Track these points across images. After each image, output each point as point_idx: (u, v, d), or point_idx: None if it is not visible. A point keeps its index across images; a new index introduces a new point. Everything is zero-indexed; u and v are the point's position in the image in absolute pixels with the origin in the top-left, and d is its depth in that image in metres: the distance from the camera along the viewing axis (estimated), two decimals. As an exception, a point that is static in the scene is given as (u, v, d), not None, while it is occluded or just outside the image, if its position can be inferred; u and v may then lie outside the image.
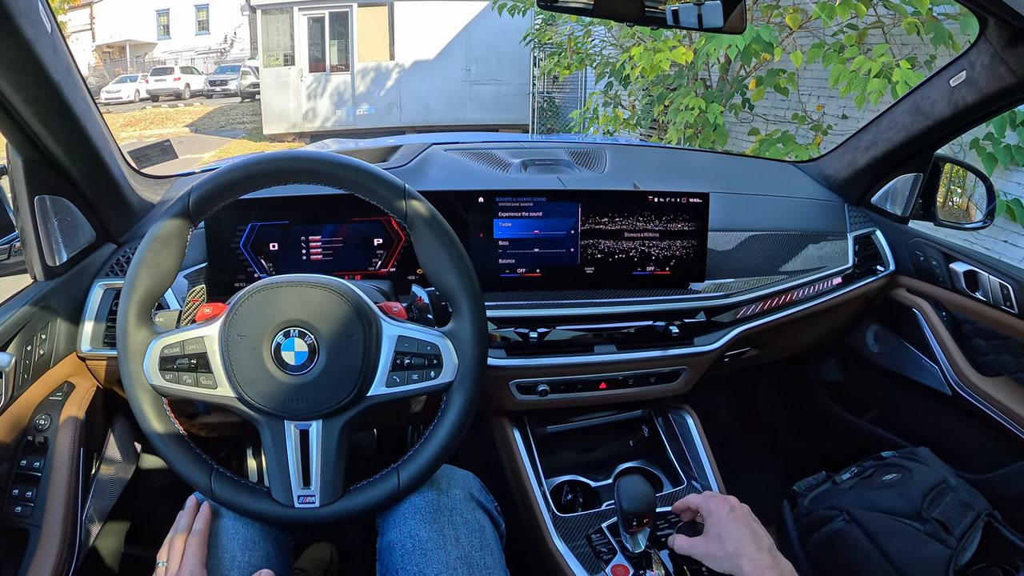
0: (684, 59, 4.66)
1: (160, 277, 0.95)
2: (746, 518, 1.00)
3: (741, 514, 1.00)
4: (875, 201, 1.69)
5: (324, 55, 15.07)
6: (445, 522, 1.01)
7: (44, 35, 0.93)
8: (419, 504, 1.03)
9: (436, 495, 1.04)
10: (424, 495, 1.04)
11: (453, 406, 0.98)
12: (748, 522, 0.99)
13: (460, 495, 1.06)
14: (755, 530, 0.97)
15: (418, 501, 1.03)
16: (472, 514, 1.04)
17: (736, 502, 1.03)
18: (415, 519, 1.01)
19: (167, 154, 1.94)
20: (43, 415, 1.15)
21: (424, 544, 0.98)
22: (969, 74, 1.27)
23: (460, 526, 1.01)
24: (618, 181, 1.63)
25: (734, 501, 1.03)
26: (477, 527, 1.03)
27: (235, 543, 0.98)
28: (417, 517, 1.01)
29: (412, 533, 1.00)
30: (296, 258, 1.32)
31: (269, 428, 0.95)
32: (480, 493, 1.11)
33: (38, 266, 1.16)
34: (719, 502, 1.03)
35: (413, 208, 0.96)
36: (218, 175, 0.94)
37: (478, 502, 1.08)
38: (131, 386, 0.94)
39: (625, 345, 1.37)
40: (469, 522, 1.03)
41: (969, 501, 1.30)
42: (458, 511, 1.03)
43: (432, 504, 1.03)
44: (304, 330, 0.93)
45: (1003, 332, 1.45)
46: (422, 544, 0.98)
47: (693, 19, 1.10)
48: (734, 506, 1.02)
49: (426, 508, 1.02)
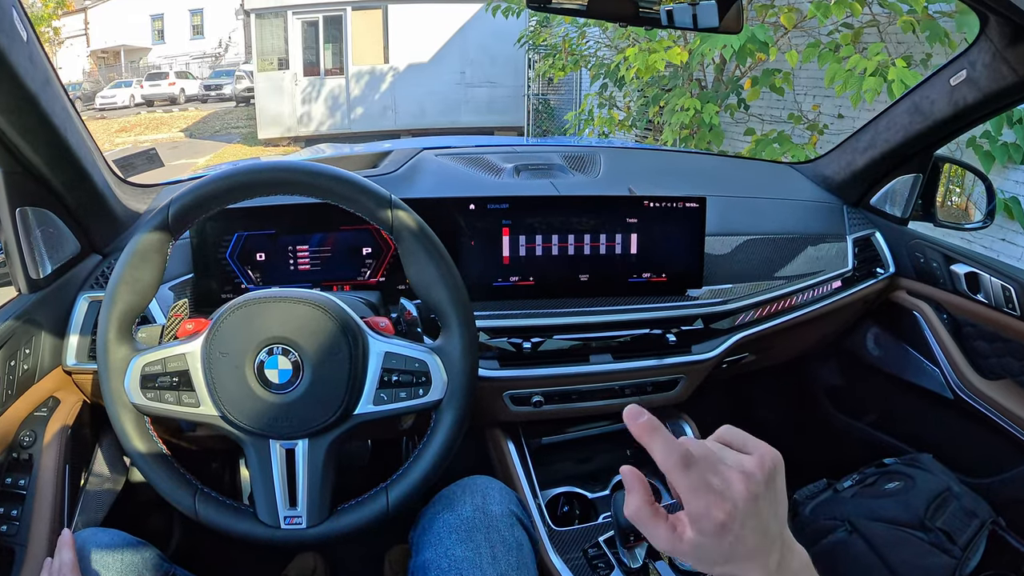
0: (679, 59, 4.66)
1: (140, 292, 0.93)
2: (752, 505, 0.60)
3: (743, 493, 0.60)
4: (874, 202, 1.67)
5: (319, 59, 15.08)
6: (482, 540, 0.99)
7: (19, 44, 0.90)
8: (454, 522, 1.01)
9: (473, 512, 1.02)
10: (459, 512, 1.02)
11: (442, 424, 0.95)
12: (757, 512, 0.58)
13: (498, 511, 1.04)
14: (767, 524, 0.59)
15: (453, 519, 1.01)
16: (510, 531, 1.02)
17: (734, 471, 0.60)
18: (451, 538, 0.99)
19: (153, 162, 1.91)
20: (28, 431, 1.13)
21: (460, 564, 0.96)
22: (969, 73, 1.25)
23: (497, 544, 0.99)
24: (613, 185, 1.60)
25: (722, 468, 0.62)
26: (515, 545, 1.01)
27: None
28: (453, 536, 0.99)
29: (447, 552, 0.98)
30: (284, 268, 1.30)
31: (254, 447, 0.93)
32: (519, 508, 1.08)
33: (21, 279, 1.13)
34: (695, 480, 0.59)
35: (399, 219, 0.94)
36: (197, 187, 0.92)
37: (517, 518, 1.06)
38: (112, 405, 0.92)
39: (621, 354, 1.35)
40: (507, 540, 1.00)
41: (973, 509, 1.28)
42: (495, 528, 1.01)
43: (468, 522, 1.01)
44: (288, 347, 0.91)
45: (1005, 334, 1.44)
46: (457, 564, 0.96)
47: (688, 19, 1.09)
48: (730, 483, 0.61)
49: (462, 526, 1.00)
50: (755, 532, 0.56)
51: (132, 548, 1.00)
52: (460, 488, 1.08)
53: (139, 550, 1.00)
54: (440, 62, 15.22)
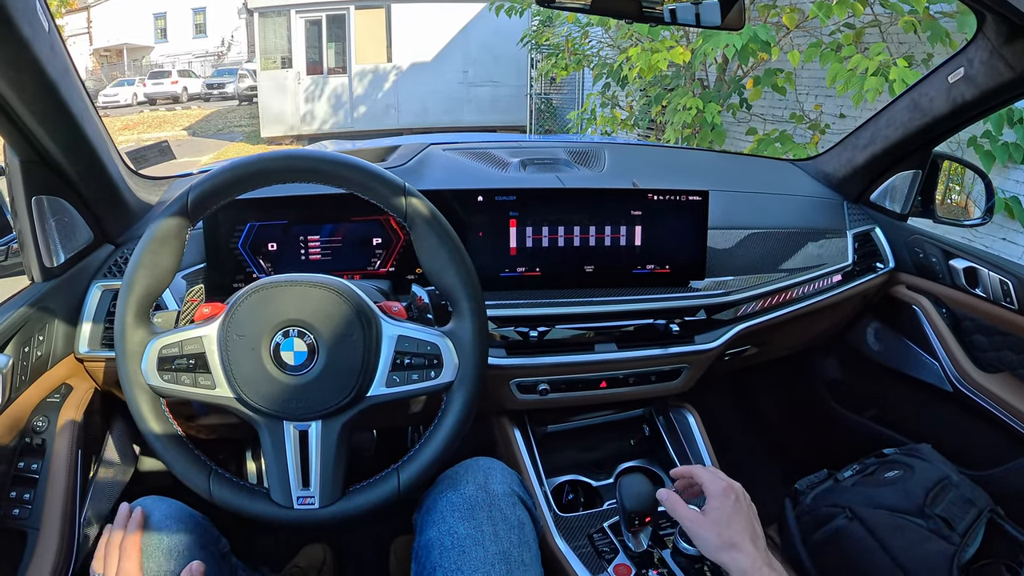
0: (681, 59, 4.65)
1: (158, 277, 0.94)
2: (747, 512, 0.96)
3: (744, 505, 0.96)
4: (874, 198, 1.69)
5: (321, 58, 15.05)
6: (484, 518, 1.00)
7: (42, 34, 0.92)
8: (457, 501, 1.02)
9: (475, 490, 1.04)
10: (462, 491, 1.04)
11: (453, 406, 0.97)
12: (750, 517, 0.95)
13: (500, 490, 1.05)
14: (755, 527, 0.94)
15: (455, 498, 1.03)
16: (512, 510, 1.04)
17: (742, 491, 0.98)
18: (453, 516, 1.01)
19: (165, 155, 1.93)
20: (41, 417, 1.15)
21: (462, 541, 0.98)
22: (967, 70, 1.27)
23: (499, 522, 1.01)
24: (617, 180, 1.62)
25: (740, 490, 0.98)
26: (517, 523, 1.03)
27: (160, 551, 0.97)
28: (456, 514, 1.01)
29: (451, 530, 0.99)
30: (295, 258, 1.32)
31: (268, 429, 0.94)
32: (520, 489, 1.10)
33: (36, 267, 1.15)
34: (726, 487, 0.97)
35: (413, 206, 0.96)
36: (216, 174, 0.93)
37: (519, 497, 1.07)
38: (129, 386, 0.94)
39: (625, 343, 1.37)
40: (508, 518, 1.02)
41: (971, 497, 1.29)
42: (497, 507, 1.03)
43: (470, 500, 1.02)
44: (303, 330, 0.93)
45: (1003, 328, 1.45)
46: (460, 541, 0.98)
47: (691, 16, 1.10)
48: (739, 496, 0.97)
49: (464, 505, 1.02)
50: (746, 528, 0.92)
51: (192, 520, 1.02)
52: (463, 468, 1.10)
53: (199, 523, 1.03)
54: (443, 61, 15.20)
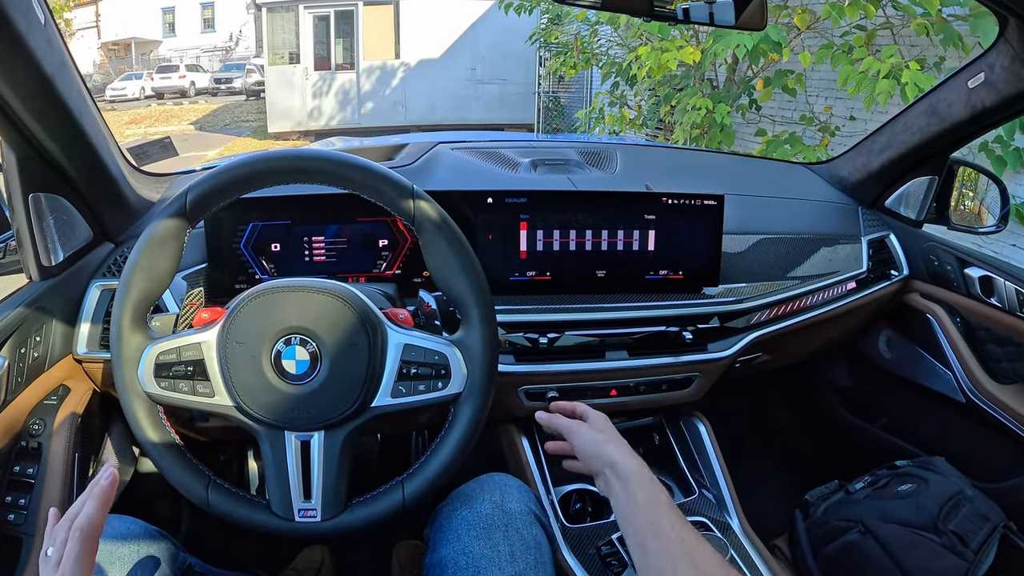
0: (691, 59, 4.63)
1: (156, 280, 0.92)
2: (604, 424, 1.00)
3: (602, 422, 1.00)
4: (889, 204, 1.66)
5: (329, 53, 15.08)
6: (500, 538, 0.98)
7: (37, 27, 0.90)
8: (472, 520, 1.00)
9: (491, 509, 1.01)
10: (478, 509, 1.01)
11: (461, 418, 0.94)
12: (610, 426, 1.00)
13: (517, 509, 1.02)
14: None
15: (471, 516, 1.00)
16: (528, 529, 1.01)
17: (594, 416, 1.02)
18: (469, 535, 0.98)
19: (167, 151, 1.91)
20: (37, 419, 1.13)
21: (477, 561, 0.95)
22: (987, 76, 1.24)
23: (516, 542, 0.98)
24: (629, 182, 1.60)
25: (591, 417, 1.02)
26: (533, 543, 1.00)
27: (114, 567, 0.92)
28: (471, 533, 0.98)
29: (465, 550, 0.97)
30: (299, 259, 1.30)
31: (269, 439, 0.92)
32: (536, 506, 1.07)
33: (33, 266, 1.13)
34: (605, 415, 1.02)
35: (421, 210, 0.93)
36: (216, 174, 0.91)
37: (535, 516, 1.05)
38: (125, 393, 0.91)
39: (637, 351, 1.34)
40: (525, 538, 0.99)
41: (986, 512, 1.27)
42: (514, 526, 1.00)
43: (486, 520, 1.00)
44: (306, 337, 0.90)
45: (1018, 338, 1.43)
46: (475, 561, 0.95)
47: (704, 15, 1.07)
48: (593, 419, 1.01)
49: (480, 523, 0.99)
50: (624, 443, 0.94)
51: (147, 537, 0.99)
52: (478, 485, 1.07)
53: (155, 540, 0.99)
54: (451, 58, 15.21)
